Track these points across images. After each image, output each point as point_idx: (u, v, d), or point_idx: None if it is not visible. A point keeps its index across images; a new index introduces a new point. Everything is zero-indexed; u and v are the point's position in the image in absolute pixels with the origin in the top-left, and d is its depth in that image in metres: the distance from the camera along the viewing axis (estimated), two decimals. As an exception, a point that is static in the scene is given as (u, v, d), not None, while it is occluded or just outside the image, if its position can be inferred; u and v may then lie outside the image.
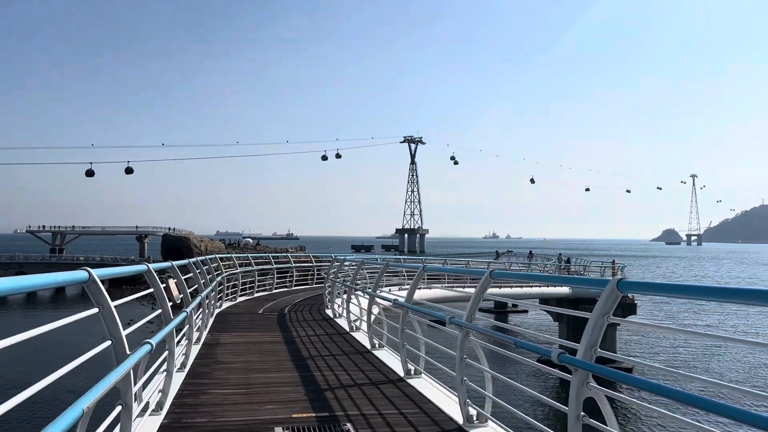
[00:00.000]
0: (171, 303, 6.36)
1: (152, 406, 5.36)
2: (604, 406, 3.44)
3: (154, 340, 4.28)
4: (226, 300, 16.82)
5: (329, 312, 14.77)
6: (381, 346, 9.36)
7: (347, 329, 11.57)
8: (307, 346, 9.71)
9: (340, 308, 14.10)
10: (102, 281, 3.55)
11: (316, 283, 25.57)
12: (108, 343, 3.64)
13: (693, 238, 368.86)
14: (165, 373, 5.64)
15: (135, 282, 68.67)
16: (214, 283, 11.97)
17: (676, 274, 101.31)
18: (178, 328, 6.49)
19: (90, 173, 51.88)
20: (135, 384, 4.31)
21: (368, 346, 9.47)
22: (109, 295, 3.73)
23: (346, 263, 15.61)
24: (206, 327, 11.07)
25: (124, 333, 3.71)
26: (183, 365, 7.54)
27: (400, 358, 7.52)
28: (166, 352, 5.60)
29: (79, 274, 3.40)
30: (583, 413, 3.54)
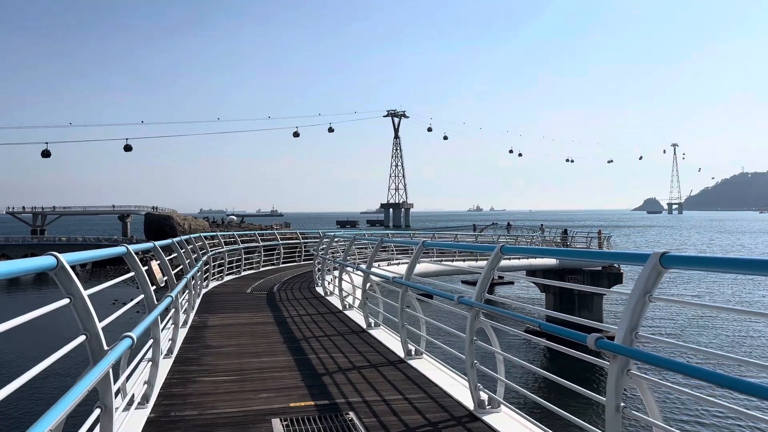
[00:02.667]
0: (154, 286, 5.90)
1: (137, 399, 4.94)
2: (646, 396, 3.14)
3: (136, 332, 3.80)
4: (213, 279, 16.37)
5: (320, 290, 14.39)
6: (377, 326, 9.00)
7: (340, 308, 11.20)
8: (299, 327, 9.32)
9: (331, 285, 13.73)
10: (79, 265, 3.05)
11: (304, 260, 25.18)
12: (82, 338, 3.16)
13: (674, 206, 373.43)
14: (150, 362, 5.21)
15: (120, 262, 67.68)
16: (200, 263, 11.48)
17: (661, 243, 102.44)
18: (164, 313, 6.08)
19: (46, 154, 50.17)
20: (116, 380, 3.88)
21: (363, 326, 9.11)
22: (92, 276, 3.23)
23: (337, 239, 15.18)
24: (193, 308, 10.64)
25: (100, 325, 3.24)
26: (170, 351, 7.11)
27: (399, 339, 7.15)
28: (151, 341, 5.15)
29: (46, 261, 2.88)
30: (623, 404, 3.25)
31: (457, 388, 5.55)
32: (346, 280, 11.46)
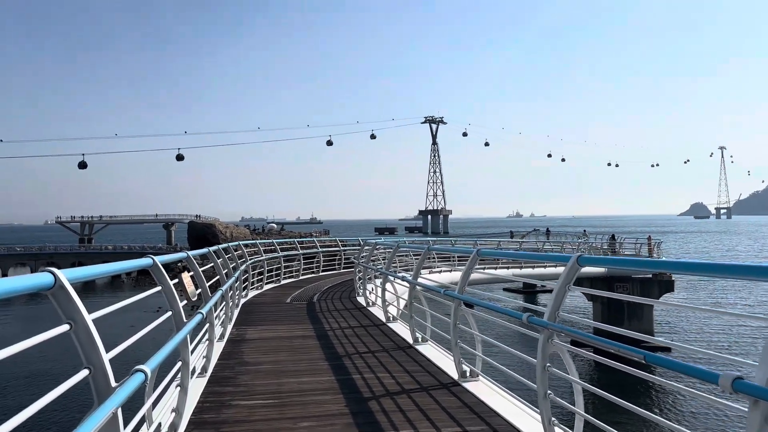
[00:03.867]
0: (185, 301, 5.41)
1: (165, 429, 4.41)
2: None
3: (151, 365, 3.07)
4: (251, 288, 16.00)
5: (361, 300, 13.80)
6: (424, 341, 8.33)
7: (383, 320, 10.57)
8: (341, 341, 8.73)
9: (372, 295, 13.13)
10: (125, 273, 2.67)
11: (344, 269, 24.70)
12: (85, 372, 2.60)
13: (722, 211, 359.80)
14: (179, 387, 4.68)
15: (166, 269, 68.29)
16: (238, 272, 11.06)
17: (709, 249, 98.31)
18: (199, 328, 5.62)
19: (82, 165, 51.36)
20: (143, 405, 3.41)
21: (410, 341, 8.45)
22: (137, 284, 2.78)
23: (379, 247, 14.56)
24: (231, 320, 10.20)
25: (108, 356, 2.69)
26: (204, 369, 6.61)
27: (452, 358, 6.48)
28: (179, 363, 4.63)
29: (41, 279, 2.43)
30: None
31: (525, 419, 4.83)
32: (389, 291, 10.84)
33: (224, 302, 8.79)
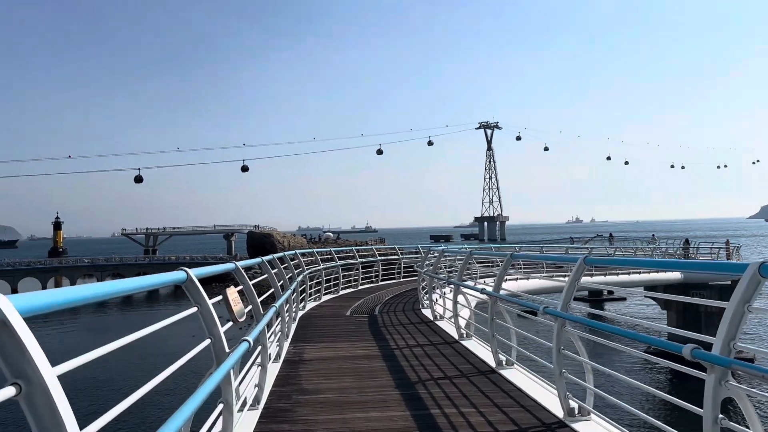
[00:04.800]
0: (231, 322, 4.47)
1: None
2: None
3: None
4: (309, 300, 15.17)
5: (427, 313, 12.68)
6: (509, 364, 7.13)
7: (455, 336, 9.41)
8: (412, 364, 7.64)
9: (440, 307, 11.99)
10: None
11: (404, 278, 23.67)
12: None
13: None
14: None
15: (224, 279, 69.95)
16: (295, 283, 10.17)
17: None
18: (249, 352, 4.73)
19: (139, 179, 52.27)
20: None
21: (491, 364, 7.27)
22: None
23: (447, 254, 13.41)
24: (287, 337, 9.29)
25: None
26: (256, 399, 5.67)
27: (555, 391, 5.28)
28: (221, 405, 3.68)
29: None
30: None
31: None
32: (461, 303, 9.66)
33: (279, 318, 7.89)
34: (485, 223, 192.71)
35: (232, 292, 4.58)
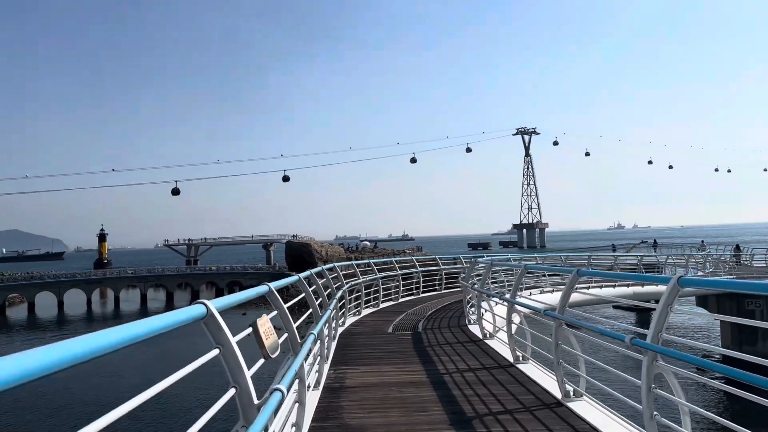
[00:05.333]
0: (264, 358, 3.82)
1: None
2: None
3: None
4: (349, 314, 14.50)
5: (474, 330, 11.84)
6: (577, 395, 6.29)
7: (510, 359, 8.56)
8: (464, 392, 6.85)
9: (486, 321, 11.13)
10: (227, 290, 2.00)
11: (445, 289, 22.84)
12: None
13: None
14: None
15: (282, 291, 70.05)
16: (334, 300, 9.51)
17: None
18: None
19: (176, 192, 52.78)
20: None
21: (557, 394, 6.43)
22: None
23: (496, 267, 12.53)
24: (327, 359, 8.62)
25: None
26: (295, 440, 5.00)
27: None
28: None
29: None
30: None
31: None
32: (515, 322, 8.82)
33: (319, 341, 7.24)
34: (524, 230, 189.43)
35: (264, 323, 3.93)
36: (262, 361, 3.72)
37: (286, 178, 57.88)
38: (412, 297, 20.43)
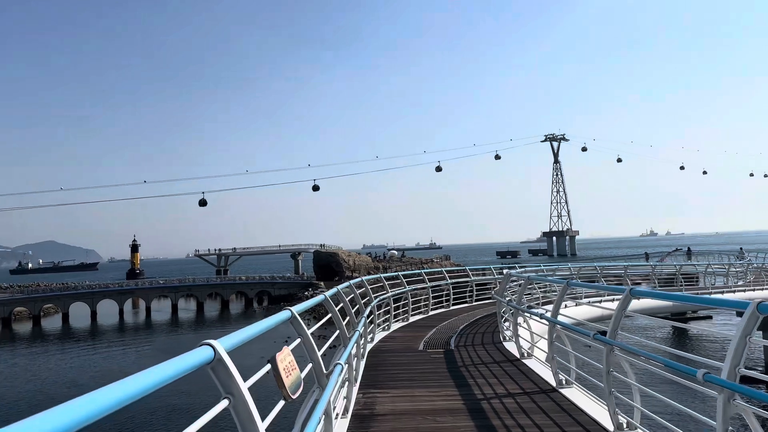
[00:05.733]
0: (284, 399, 3.37)
1: None
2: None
3: None
4: (378, 329, 14.03)
5: (510, 348, 11.22)
6: (632, 428, 5.68)
7: (552, 383, 7.96)
8: (505, 423, 6.28)
9: (526, 342, 10.53)
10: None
11: (476, 301, 22.20)
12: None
13: None
14: None
15: (289, 299, 70.75)
16: (363, 320, 9.05)
17: None
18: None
19: (203, 203, 53.25)
20: None
21: (608, 426, 5.83)
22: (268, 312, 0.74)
23: (536, 281, 11.90)
24: (356, 382, 8.14)
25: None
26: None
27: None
28: None
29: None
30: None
31: None
32: (557, 343, 8.19)
33: (347, 365, 6.78)
34: (554, 238, 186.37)
35: (284, 358, 3.48)
36: (282, 403, 3.27)
37: (315, 188, 58.07)
38: (442, 310, 19.85)
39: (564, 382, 7.81)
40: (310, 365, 4.56)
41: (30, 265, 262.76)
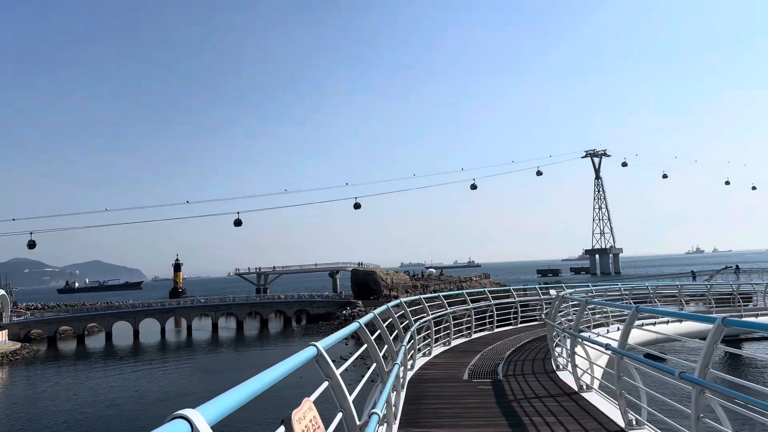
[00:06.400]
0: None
1: None
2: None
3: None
4: (419, 354, 13.12)
5: (566, 378, 10.15)
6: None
7: (620, 423, 6.92)
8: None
9: (585, 374, 9.49)
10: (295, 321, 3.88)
11: (521, 323, 21.06)
12: (339, 415, 3.69)
13: None
14: None
15: (329, 318, 70.10)
16: (402, 350, 8.21)
17: None
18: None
19: (238, 223, 53.61)
20: None
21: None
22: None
23: (596, 305, 10.85)
24: (395, 419, 7.29)
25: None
26: None
27: None
28: None
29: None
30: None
31: None
32: (626, 378, 7.15)
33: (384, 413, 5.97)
34: (596, 256, 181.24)
35: (303, 416, 2.71)
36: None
37: (357, 206, 57.96)
38: (486, 333, 18.80)
39: (635, 423, 6.77)
40: (340, 414, 3.84)
41: (77, 284, 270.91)
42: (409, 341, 10.46)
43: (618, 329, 18.15)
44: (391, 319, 9.80)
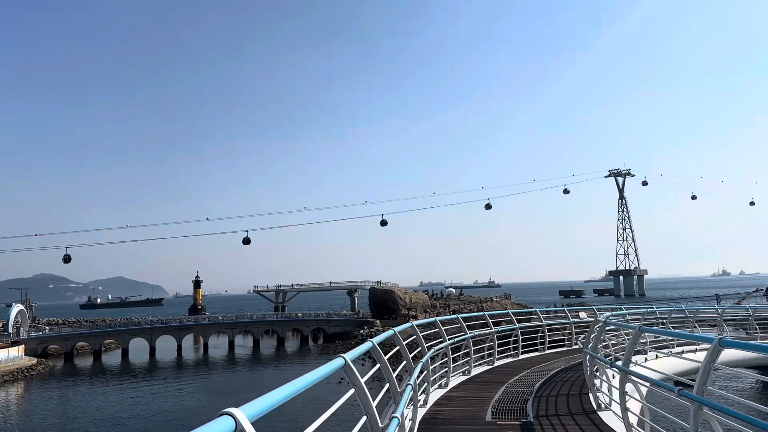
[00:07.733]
0: None
1: None
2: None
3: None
4: (433, 386, 11.52)
5: (609, 421, 8.51)
6: None
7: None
8: None
9: (631, 414, 7.87)
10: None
11: (548, 348, 19.37)
12: (364, 418, 4.14)
13: None
14: None
15: (348, 336, 68.50)
16: (413, 381, 6.72)
17: None
18: None
19: (246, 241, 52.80)
20: None
21: None
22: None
23: (652, 332, 9.24)
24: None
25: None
26: None
27: None
28: None
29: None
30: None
31: None
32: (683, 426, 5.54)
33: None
34: (620, 277, 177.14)
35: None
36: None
37: (383, 223, 57.02)
38: (510, 359, 17.13)
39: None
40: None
41: (99, 300, 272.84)
42: (420, 373, 8.94)
43: (656, 356, 16.32)
44: (399, 347, 8.30)
